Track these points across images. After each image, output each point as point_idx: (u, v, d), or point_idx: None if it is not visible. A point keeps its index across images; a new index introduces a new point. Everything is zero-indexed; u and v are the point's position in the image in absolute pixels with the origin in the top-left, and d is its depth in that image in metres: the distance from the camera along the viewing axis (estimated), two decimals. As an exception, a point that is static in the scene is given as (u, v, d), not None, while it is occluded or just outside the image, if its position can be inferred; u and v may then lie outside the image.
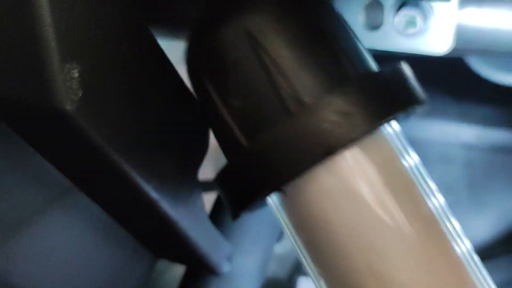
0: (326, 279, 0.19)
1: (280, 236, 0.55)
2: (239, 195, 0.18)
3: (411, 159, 0.20)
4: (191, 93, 0.25)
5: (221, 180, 0.19)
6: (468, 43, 0.30)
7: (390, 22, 0.29)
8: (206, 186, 0.34)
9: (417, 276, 0.17)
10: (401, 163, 0.19)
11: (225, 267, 0.28)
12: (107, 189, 0.24)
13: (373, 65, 0.20)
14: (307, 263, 0.19)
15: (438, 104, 0.59)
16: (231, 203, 0.19)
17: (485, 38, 0.29)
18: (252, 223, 0.31)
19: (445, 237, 0.19)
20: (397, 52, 0.30)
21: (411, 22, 0.28)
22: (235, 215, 0.19)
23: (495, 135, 0.59)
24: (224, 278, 0.28)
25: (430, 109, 0.61)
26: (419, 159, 0.20)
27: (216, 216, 0.31)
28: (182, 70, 0.27)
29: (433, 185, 0.20)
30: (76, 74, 0.19)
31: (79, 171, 0.23)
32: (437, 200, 0.20)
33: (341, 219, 0.18)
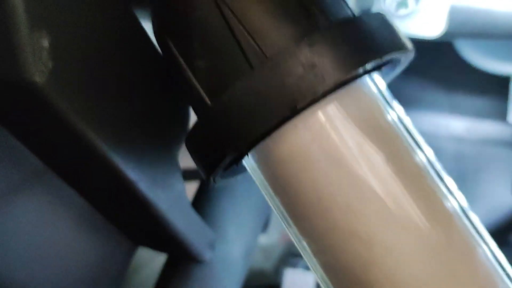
0: (307, 240, 0.18)
1: (265, 226, 0.54)
2: (206, 157, 0.18)
3: (395, 113, 0.18)
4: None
5: (190, 143, 0.18)
6: (460, 26, 0.29)
7: (381, 3, 0.28)
8: (188, 174, 0.33)
9: (400, 235, 0.16)
10: (383, 117, 0.18)
11: (207, 255, 0.27)
12: (83, 171, 0.23)
13: (348, 12, 0.18)
14: (287, 223, 0.18)
15: (428, 96, 0.58)
16: (201, 167, 0.18)
17: (477, 20, 0.28)
18: (236, 211, 0.30)
19: (433, 191, 0.17)
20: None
21: (403, 3, 0.28)
22: (208, 180, 0.19)
23: (485, 128, 0.58)
24: (206, 266, 0.27)
25: (420, 100, 0.60)
26: (405, 113, 0.19)
27: (199, 204, 0.30)
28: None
29: (420, 139, 0.19)
30: (45, 44, 0.18)
31: (52, 151, 0.22)
32: (424, 154, 0.18)
33: (313, 178, 0.17)
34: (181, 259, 0.28)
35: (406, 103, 0.66)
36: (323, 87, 0.15)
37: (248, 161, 0.19)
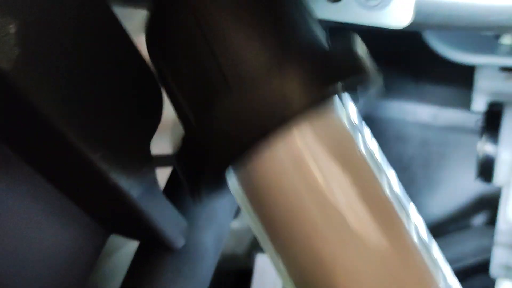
0: (281, 258, 0.19)
1: (237, 212, 0.55)
2: (190, 175, 0.19)
3: (364, 138, 0.20)
4: (145, 62, 0.24)
5: (177, 160, 0.20)
6: (427, 17, 0.30)
7: (352, -7, 0.28)
8: (162, 160, 0.33)
9: (362, 261, 0.17)
10: (351, 143, 0.19)
11: (179, 242, 0.27)
12: (52, 159, 0.23)
13: (320, 41, 0.20)
14: (263, 240, 0.19)
15: (396, 84, 0.59)
16: (186, 183, 0.20)
17: (444, 12, 0.29)
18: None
19: (394, 218, 0.18)
20: (357, 25, 0.29)
21: (373, -6, 0.28)
22: (194, 197, 0.20)
23: (450, 115, 0.60)
24: (178, 253, 0.27)
25: (389, 88, 0.61)
26: (373, 137, 0.20)
27: (171, 191, 0.30)
28: (139, 39, 0.26)
29: (385, 163, 0.20)
30: (12, 30, 0.17)
31: (20, 140, 0.22)
32: (388, 179, 0.19)
33: (283, 196, 0.18)
34: (153, 246, 0.28)
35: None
36: (291, 111, 0.17)
37: (231, 181, 0.20)
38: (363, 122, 0.20)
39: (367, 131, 0.20)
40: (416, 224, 0.19)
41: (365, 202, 0.18)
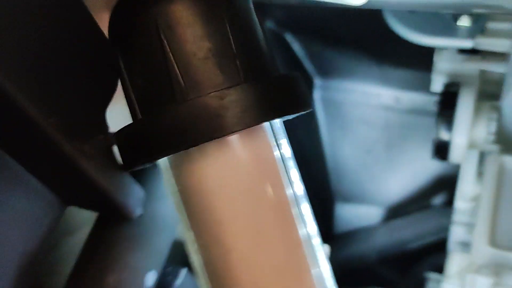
0: (196, 235, 0.22)
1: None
2: (126, 156, 0.22)
3: (281, 153, 0.23)
4: (103, 36, 0.24)
5: (118, 139, 0.23)
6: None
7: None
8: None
9: (255, 249, 0.21)
10: (271, 157, 0.22)
11: (136, 211, 0.27)
12: (4, 126, 0.22)
13: (267, 69, 0.22)
14: (182, 218, 0.23)
15: (360, 67, 0.60)
16: (123, 160, 0.23)
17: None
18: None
19: (291, 223, 0.22)
20: (318, 2, 0.30)
21: (330, -30, 0.28)
22: (125, 169, 0.24)
23: (412, 98, 0.61)
24: (135, 223, 0.27)
25: (353, 71, 0.61)
26: (292, 152, 0.24)
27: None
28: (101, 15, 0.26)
29: (295, 176, 0.23)
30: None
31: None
32: (293, 190, 0.23)
33: (207, 188, 0.21)
34: (111, 217, 0.28)
35: (340, 74, 0.68)
36: (226, 131, 0.20)
37: (162, 164, 0.23)
38: (285, 135, 0.24)
39: (285, 144, 0.24)
40: (306, 222, 0.23)
41: (267, 204, 0.22)
